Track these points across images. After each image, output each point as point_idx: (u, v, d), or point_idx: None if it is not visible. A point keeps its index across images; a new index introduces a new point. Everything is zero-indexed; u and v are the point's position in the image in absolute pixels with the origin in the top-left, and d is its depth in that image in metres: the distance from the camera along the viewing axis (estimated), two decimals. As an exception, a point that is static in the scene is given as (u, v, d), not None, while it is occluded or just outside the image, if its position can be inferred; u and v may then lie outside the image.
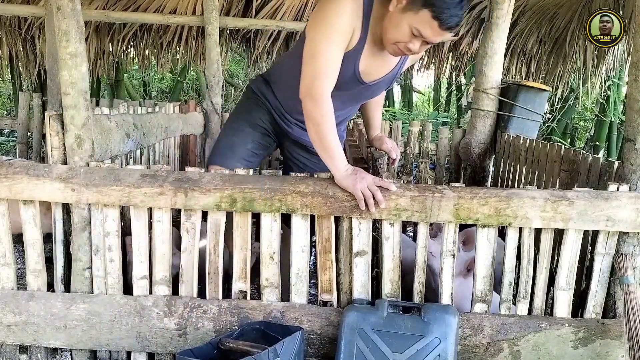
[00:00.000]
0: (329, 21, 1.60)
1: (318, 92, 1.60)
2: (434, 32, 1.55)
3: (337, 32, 1.61)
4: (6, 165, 1.71)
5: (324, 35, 1.61)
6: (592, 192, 1.70)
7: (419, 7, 1.51)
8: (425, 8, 1.51)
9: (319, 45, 1.61)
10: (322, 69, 1.60)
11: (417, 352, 1.58)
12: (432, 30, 1.54)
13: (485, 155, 3.24)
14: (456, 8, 1.50)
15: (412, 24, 1.54)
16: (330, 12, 1.61)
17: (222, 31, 4.53)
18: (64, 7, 1.65)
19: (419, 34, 1.55)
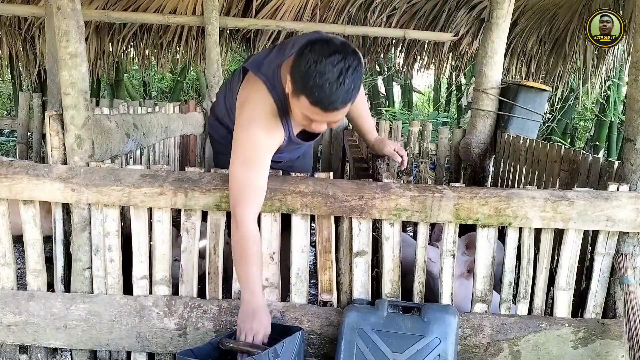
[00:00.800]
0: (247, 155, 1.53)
1: (240, 218, 1.53)
2: (322, 116, 1.41)
3: (255, 163, 1.54)
4: (6, 165, 1.71)
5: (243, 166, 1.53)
6: (592, 192, 1.70)
7: (298, 94, 1.39)
8: (302, 95, 1.37)
9: (238, 171, 1.53)
10: (243, 196, 1.53)
11: (417, 352, 1.58)
12: (319, 115, 1.40)
13: (485, 155, 3.25)
14: (334, 88, 1.32)
15: (300, 109, 1.42)
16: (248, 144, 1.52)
17: (222, 31, 4.53)
18: (64, 7, 1.65)
19: (309, 119, 1.44)
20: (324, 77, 1.31)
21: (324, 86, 1.32)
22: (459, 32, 4.54)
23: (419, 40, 4.79)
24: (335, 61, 1.32)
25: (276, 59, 1.61)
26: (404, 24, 4.60)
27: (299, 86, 1.37)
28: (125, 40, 4.75)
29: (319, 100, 1.35)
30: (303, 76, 1.34)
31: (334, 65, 1.32)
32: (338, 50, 1.33)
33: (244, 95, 1.61)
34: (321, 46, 1.35)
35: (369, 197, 1.67)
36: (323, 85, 1.32)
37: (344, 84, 1.33)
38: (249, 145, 1.53)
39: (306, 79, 1.33)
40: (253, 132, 1.52)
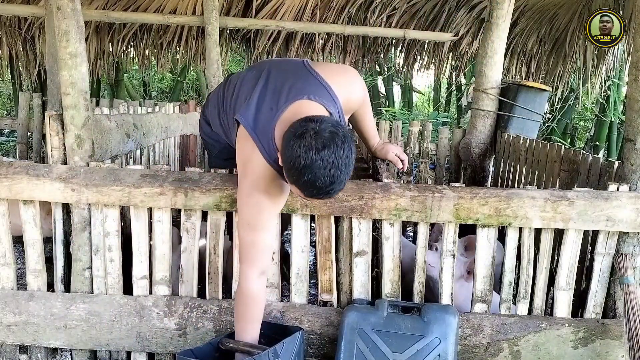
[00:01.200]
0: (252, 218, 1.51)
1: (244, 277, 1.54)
2: (319, 200, 1.43)
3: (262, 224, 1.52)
4: (6, 165, 1.71)
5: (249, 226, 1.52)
6: (592, 192, 1.70)
7: (291, 182, 1.37)
8: (294, 185, 1.36)
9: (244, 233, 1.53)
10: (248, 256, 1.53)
11: (417, 352, 1.58)
12: (316, 200, 1.43)
13: (485, 155, 3.24)
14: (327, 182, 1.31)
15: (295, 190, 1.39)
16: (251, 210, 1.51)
17: (222, 31, 4.53)
18: (64, 7, 1.65)
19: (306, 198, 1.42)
20: (317, 175, 1.30)
21: (317, 182, 1.31)
22: (459, 32, 4.54)
23: (419, 40, 4.79)
24: (326, 157, 1.30)
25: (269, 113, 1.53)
26: (404, 24, 4.60)
27: (291, 178, 1.35)
28: (125, 40, 4.74)
29: (312, 194, 1.35)
30: (295, 171, 1.32)
31: (325, 161, 1.29)
32: (327, 145, 1.30)
33: (244, 157, 1.55)
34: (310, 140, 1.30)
35: (369, 197, 1.67)
36: (316, 181, 1.31)
37: (336, 177, 1.31)
38: (253, 210, 1.52)
39: (298, 174, 1.31)
40: (257, 200, 1.51)
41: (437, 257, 1.83)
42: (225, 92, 1.78)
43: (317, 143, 1.30)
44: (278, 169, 1.49)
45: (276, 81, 1.62)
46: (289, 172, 1.34)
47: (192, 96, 8.30)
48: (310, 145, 1.30)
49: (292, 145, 1.32)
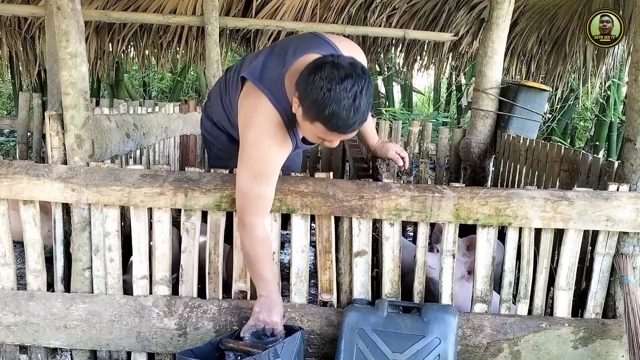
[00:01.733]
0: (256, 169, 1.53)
1: (250, 227, 1.56)
2: (339, 136, 1.41)
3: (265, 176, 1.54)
4: (6, 165, 1.71)
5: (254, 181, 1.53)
6: (592, 192, 1.70)
7: (312, 119, 1.37)
8: (317, 121, 1.36)
9: (248, 185, 1.54)
10: (254, 207, 1.56)
11: (417, 352, 1.58)
12: (335, 136, 1.41)
13: (485, 155, 3.24)
14: (351, 114, 1.31)
15: (314, 132, 1.41)
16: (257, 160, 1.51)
17: (222, 31, 4.53)
18: (64, 7, 1.65)
19: (324, 139, 1.44)
20: (341, 105, 1.30)
21: (341, 114, 1.31)
22: (459, 32, 4.54)
23: (419, 40, 4.79)
24: (349, 86, 1.29)
25: (277, 68, 1.55)
26: (404, 24, 4.60)
27: (313, 114, 1.35)
28: (125, 40, 4.75)
29: (337, 126, 1.34)
30: (317, 104, 1.31)
31: (348, 91, 1.29)
32: (349, 74, 1.31)
33: (248, 109, 1.55)
34: (331, 71, 1.31)
35: (369, 197, 1.67)
36: (340, 113, 1.31)
37: (360, 107, 1.31)
38: (260, 161, 1.52)
39: (321, 107, 1.31)
40: (264, 149, 1.51)
41: (437, 258, 1.83)
42: (228, 74, 1.83)
43: (339, 72, 1.30)
44: (286, 118, 1.50)
45: (281, 46, 1.65)
46: (310, 108, 1.34)
47: (192, 96, 8.30)
48: (332, 75, 1.30)
49: (311, 79, 1.32)
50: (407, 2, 4.45)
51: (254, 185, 1.54)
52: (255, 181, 1.54)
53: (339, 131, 1.36)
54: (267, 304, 1.58)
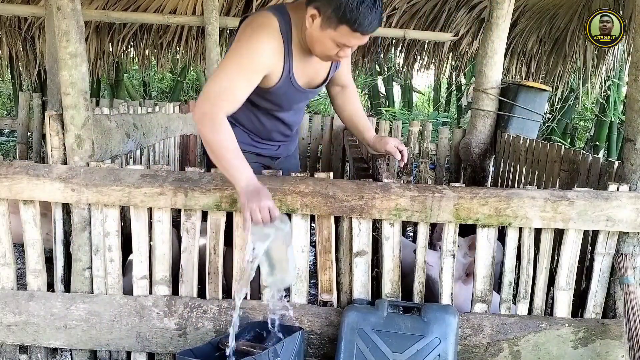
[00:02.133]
0: (242, 57, 1.56)
1: (209, 112, 1.52)
2: (359, 39, 1.54)
3: (247, 69, 1.57)
4: (6, 165, 1.71)
5: (234, 67, 1.56)
6: (592, 192, 1.70)
7: (336, 24, 1.49)
8: (342, 24, 1.48)
9: (225, 74, 1.56)
10: (222, 98, 1.54)
11: (417, 352, 1.58)
12: (356, 40, 1.53)
13: (485, 155, 3.24)
14: (372, 13, 1.46)
15: (334, 38, 1.52)
16: (245, 49, 1.57)
17: (222, 31, 4.52)
18: (64, 7, 1.65)
19: (344, 45, 1.54)
20: (365, 5, 1.45)
21: (366, 13, 1.45)
22: (459, 32, 4.54)
23: (419, 40, 4.79)
24: None
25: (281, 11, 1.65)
26: (404, 24, 4.60)
27: (338, 15, 1.47)
28: (125, 40, 4.74)
29: (361, 24, 1.47)
30: (345, 6, 1.45)
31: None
32: None
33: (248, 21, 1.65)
34: None
35: (369, 197, 1.67)
36: (365, 12, 1.45)
37: (379, 8, 1.48)
38: (248, 50, 1.56)
39: (348, 7, 1.45)
40: (256, 40, 1.57)
41: (437, 256, 1.83)
42: None
43: None
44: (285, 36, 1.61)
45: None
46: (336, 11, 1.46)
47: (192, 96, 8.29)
48: None
49: None
50: (407, 2, 4.44)
51: (233, 76, 1.56)
52: (236, 72, 1.56)
53: (362, 30, 1.49)
54: (250, 191, 1.47)
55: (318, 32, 1.54)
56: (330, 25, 1.50)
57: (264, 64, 1.59)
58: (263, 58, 1.58)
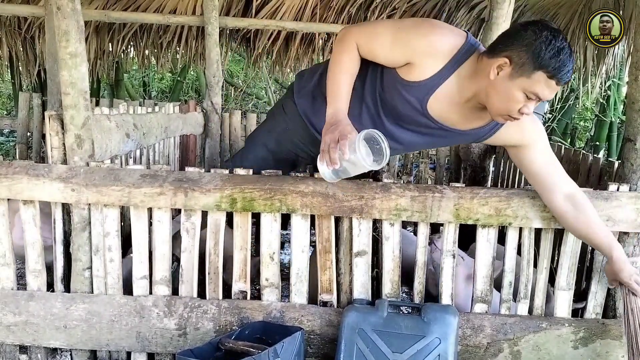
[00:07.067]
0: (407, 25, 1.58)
1: (345, 37, 1.58)
2: (551, 90, 1.44)
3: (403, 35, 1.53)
4: (6, 165, 1.71)
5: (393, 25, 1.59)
6: (592, 192, 1.70)
7: (532, 71, 1.41)
8: (539, 70, 1.40)
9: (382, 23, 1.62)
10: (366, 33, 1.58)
11: (417, 352, 1.58)
12: (549, 90, 1.44)
13: (486, 155, 3.24)
14: (570, 63, 1.41)
15: (526, 88, 1.43)
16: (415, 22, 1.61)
17: (222, 31, 4.52)
18: (64, 7, 1.65)
19: (536, 95, 1.44)
20: (564, 52, 1.40)
21: (565, 60, 1.40)
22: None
23: (419, 40, 4.78)
24: (563, 38, 1.42)
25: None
26: (404, 24, 4.59)
27: (537, 62, 1.40)
28: (125, 40, 4.74)
29: (559, 71, 1.40)
30: (544, 52, 1.39)
31: (564, 41, 1.42)
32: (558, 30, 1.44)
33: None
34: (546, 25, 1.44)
35: (369, 197, 1.67)
36: (564, 59, 1.40)
37: (572, 59, 1.43)
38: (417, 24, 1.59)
39: (548, 53, 1.39)
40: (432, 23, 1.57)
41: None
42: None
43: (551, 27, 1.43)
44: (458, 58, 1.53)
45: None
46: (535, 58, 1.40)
47: (192, 96, 8.29)
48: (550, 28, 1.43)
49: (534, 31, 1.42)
50: (407, 2, 4.44)
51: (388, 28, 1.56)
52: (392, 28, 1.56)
53: (559, 78, 1.41)
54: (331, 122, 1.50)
55: (505, 83, 1.44)
56: (523, 73, 1.42)
57: (420, 46, 1.52)
58: (424, 40, 1.52)
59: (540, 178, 1.64)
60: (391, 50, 1.55)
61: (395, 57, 1.56)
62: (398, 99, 1.62)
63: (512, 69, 1.43)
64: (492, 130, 1.67)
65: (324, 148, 1.43)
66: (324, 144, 1.44)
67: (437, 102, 1.59)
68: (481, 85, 1.50)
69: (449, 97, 1.58)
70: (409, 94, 1.59)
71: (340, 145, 1.38)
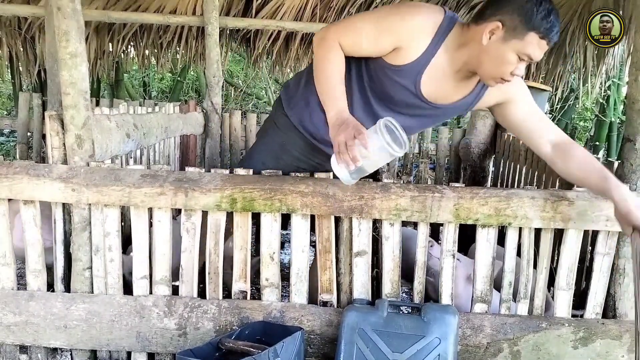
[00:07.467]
0: (386, 12, 1.57)
1: (327, 43, 1.56)
2: (542, 50, 1.50)
3: (384, 23, 1.54)
4: (6, 165, 1.71)
5: (372, 15, 1.59)
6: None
7: (524, 33, 1.46)
8: (531, 32, 1.45)
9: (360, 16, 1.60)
10: (346, 29, 1.56)
11: (417, 352, 1.58)
12: (540, 50, 1.49)
13: (485, 155, 3.25)
14: (558, 24, 1.47)
15: (519, 50, 1.48)
16: (394, 8, 1.57)
17: (222, 31, 4.53)
18: (64, 7, 1.65)
19: (528, 57, 1.49)
20: (553, 13, 1.46)
21: (555, 21, 1.46)
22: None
23: (419, 40, 4.78)
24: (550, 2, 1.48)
25: None
26: (404, 24, 4.59)
27: (529, 23, 1.45)
28: (125, 40, 4.74)
29: (550, 31, 1.46)
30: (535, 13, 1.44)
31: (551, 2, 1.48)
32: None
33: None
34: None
35: (369, 197, 1.67)
36: (554, 20, 1.46)
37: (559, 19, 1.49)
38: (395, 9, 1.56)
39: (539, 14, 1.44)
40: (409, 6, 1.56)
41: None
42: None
43: None
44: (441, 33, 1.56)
45: None
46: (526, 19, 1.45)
47: (192, 96, 8.30)
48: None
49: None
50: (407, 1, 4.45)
51: (367, 19, 1.57)
52: (372, 18, 1.57)
53: (549, 39, 1.47)
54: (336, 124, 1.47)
55: (499, 46, 1.49)
56: (516, 35, 1.46)
57: (402, 31, 1.54)
58: (407, 22, 1.53)
59: (527, 128, 1.69)
60: (377, 41, 1.56)
61: (383, 46, 1.57)
62: (390, 86, 1.64)
63: (504, 32, 1.48)
64: (478, 96, 1.71)
65: (340, 149, 1.40)
66: (338, 146, 1.41)
67: (429, 80, 1.61)
68: (472, 53, 1.54)
69: (440, 72, 1.60)
70: (400, 78, 1.61)
71: (360, 139, 1.36)
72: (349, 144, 1.37)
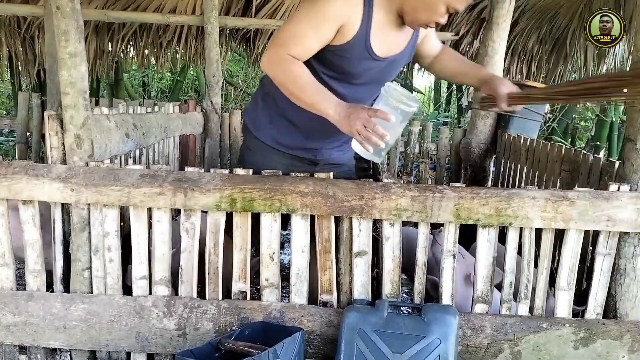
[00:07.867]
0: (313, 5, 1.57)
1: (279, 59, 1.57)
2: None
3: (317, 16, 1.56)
4: (5, 165, 1.71)
5: (303, 14, 1.58)
6: (593, 192, 1.69)
7: None
8: None
9: (293, 22, 1.58)
10: (289, 42, 1.57)
11: (417, 353, 1.58)
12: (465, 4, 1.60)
13: (486, 155, 3.24)
14: None
15: (449, 3, 1.56)
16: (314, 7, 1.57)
17: (222, 31, 4.53)
18: (63, 7, 1.65)
19: (454, 8, 1.58)
20: None
21: None
22: (459, 32, 4.54)
23: (419, 40, 4.78)
24: None
25: None
26: (404, 23, 4.59)
27: None
28: (124, 40, 4.75)
29: None
30: None
31: None
32: None
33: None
34: None
35: (369, 197, 1.66)
36: None
37: None
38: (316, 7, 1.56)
39: None
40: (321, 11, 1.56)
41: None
42: None
43: None
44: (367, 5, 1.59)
45: None
46: None
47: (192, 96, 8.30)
48: None
49: None
50: (407, 1, 4.44)
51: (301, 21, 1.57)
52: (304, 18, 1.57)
53: None
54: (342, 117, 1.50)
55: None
56: None
57: (337, 12, 1.57)
58: (337, 5, 1.56)
59: (432, 54, 1.96)
60: (321, 34, 1.58)
61: (328, 35, 1.60)
62: (348, 64, 1.68)
63: None
64: (415, 40, 1.82)
65: (364, 135, 1.45)
66: (359, 134, 1.46)
67: (376, 38, 1.66)
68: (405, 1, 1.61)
69: (382, 27, 1.66)
70: (354, 50, 1.64)
71: (380, 115, 1.43)
72: (369, 126, 1.43)
